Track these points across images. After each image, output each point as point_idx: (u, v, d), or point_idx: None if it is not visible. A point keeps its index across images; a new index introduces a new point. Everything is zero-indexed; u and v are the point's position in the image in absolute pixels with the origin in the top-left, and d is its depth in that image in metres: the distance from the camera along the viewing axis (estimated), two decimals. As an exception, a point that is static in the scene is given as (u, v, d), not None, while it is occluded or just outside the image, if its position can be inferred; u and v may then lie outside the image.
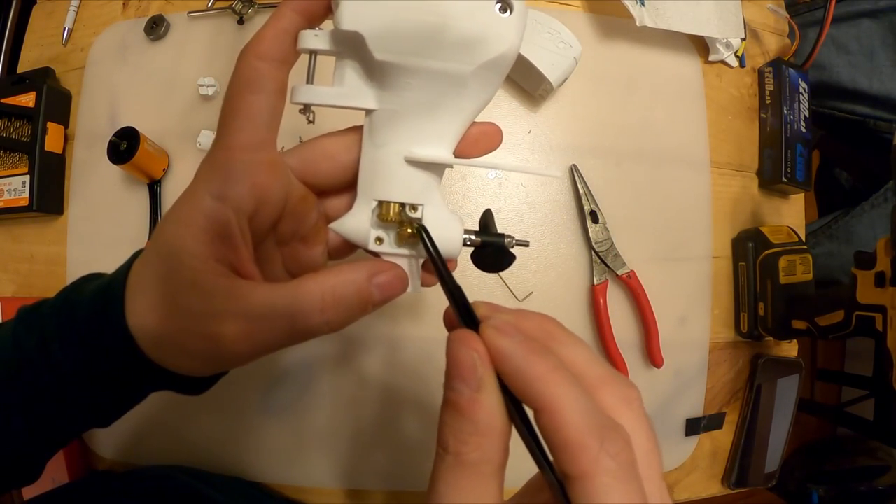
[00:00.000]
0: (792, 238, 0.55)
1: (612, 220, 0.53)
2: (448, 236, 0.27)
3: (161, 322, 0.24)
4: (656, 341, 0.52)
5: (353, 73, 0.26)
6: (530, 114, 0.54)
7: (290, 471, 0.50)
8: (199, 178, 0.24)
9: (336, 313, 0.23)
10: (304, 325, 0.23)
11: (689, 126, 0.58)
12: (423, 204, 0.26)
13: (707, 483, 0.57)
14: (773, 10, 0.62)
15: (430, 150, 0.26)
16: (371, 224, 0.27)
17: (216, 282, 0.23)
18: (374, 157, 0.26)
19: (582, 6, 0.57)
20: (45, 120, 0.53)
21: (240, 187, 0.23)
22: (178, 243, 0.23)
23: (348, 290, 0.24)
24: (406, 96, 0.25)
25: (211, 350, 0.23)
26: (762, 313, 0.55)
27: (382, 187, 0.26)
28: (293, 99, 0.26)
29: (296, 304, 0.23)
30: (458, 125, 0.26)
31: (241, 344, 0.23)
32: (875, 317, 0.45)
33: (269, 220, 0.26)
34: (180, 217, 0.24)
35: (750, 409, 0.56)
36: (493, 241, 0.29)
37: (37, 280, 0.55)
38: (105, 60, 0.56)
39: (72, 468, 0.50)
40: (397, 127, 0.26)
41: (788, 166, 0.57)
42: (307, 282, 0.23)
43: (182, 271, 0.23)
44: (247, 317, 0.22)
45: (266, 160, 0.25)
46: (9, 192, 0.53)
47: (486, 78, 0.25)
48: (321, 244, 0.28)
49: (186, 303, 0.23)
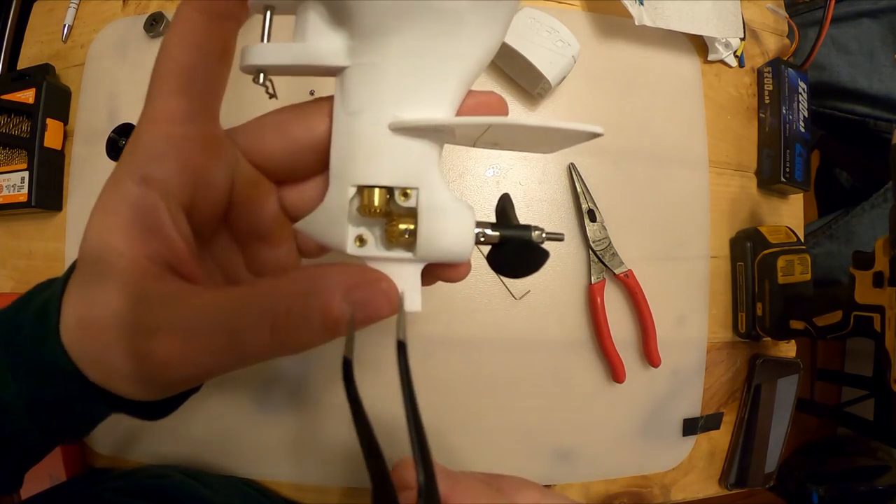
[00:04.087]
0: (790, 238, 0.55)
1: (610, 219, 0.53)
2: (455, 231, 0.20)
3: (89, 339, 0.19)
4: (654, 341, 0.52)
5: (316, 23, 0.20)
6: (528, 112, 0.54)
7: (286, 469, 0.50)
8: (122, 159, 0.20)
9: (289, 336, 0.18)
10: (250, 346, 0.18)
11: (687, 125, 0.58)
12: (418, 187, 0.20)
13: (704, 483, 0.57)
14: (772, 10, 0.62)
15: (424, 111, 0.20)
16: (349, 219, 0.20)
17: (146, 284, 0.19)
18: (350, 129, 0.20)
19: (581, 5, 0.57)
20: (44, 116, 0.53)
21: (166, 167, 0.19)
22: (101, 239, 0.19)
23: (309, 307, 0.18)
24: (386, 44, 0.19)
25: (143, 371, 0.19)
26: (760, 313, 0.55)
27: (362, 168, 0.20)
28: (242, 62, 0.21)
29: (239, 319, 0.18)
30: (456, 78, 0.20)
31: (178, 366, 0.18)
32: (873, 317, 0.45)
33: (214, 211, 0.21)
34: (102, 208, 0.19)
35: (748, 409, 0.56)
36: (516, 234, 0.21)
37: (35, 276, 0.55)
38: (105, 57, 0.56)
39: (69, 466, 0.50)
40: (378, 85, 0.20)
41: (787, 166, 0.57)
42: (256, 290, 0.18)
43: (107, 274, 0.19)
44: (181, 331, 0.18)
45: (200, 134, 0.20)
46: (8, 188, 0.53)
47: (490, 13, 0.19)
48: (286, 242, 0.24)
49: (111, 312, 0.18)
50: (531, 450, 0.52)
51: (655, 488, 0.55)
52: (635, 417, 0.54)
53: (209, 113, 0.20)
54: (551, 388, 0.52)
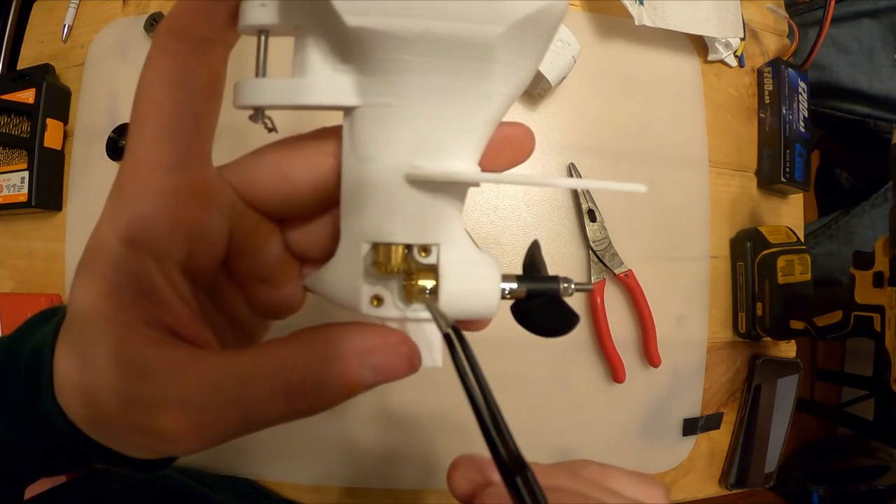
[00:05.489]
0: (790, 238, 0.55)
1: (610, 219, 0.53)
2: (479, 289, 0.18)
3: (87, 407, 0.18)
4: (654, 341, 0.52)
5: (318, 54, 0.17)
6: (528, 112, 0.54)
7: (286, 469, 0.50)
8: (105, 212, 0.17)
9: (306, 402, 0.17)
10: (263, 415, 0.17)
11: (687, 125, 0.58)
12: (439, 243, 0.18)
13: (704, 483, 0.57)
14: (772, 10, 0.62)
15: (445, 160, 0.17)
16: (364, 277, 0.18)
17: (145, 354, 0.17)
18: (361, 178, 0.18)
19: (581, 5, 0.57)
20: (44, 116, 0.53)
21: (155, 226, 0.17)
22: (90, 305, 0.17)
23: (327, 375, 0.16)
24: (402, 83, 0.16)
25: (149, 444, 0.17)
26: (760, 313, 0.55)
27: (376, 223, 0.18)
28: (235, 101, 0.18)
29: (251, 389, 0.17)
30: (482, 121, 0.17)
31: (186, 439, 0.17)
32: (873, 317, 0.45)
33: (212, 262, 0.19)
34: (88, 268, 0.17)
35: (748, 409, 0.56)
36: (543, 288, 0.20)
37: (35, 276, 0.55)
38: (105, 57, 0.56)
39: (69, 464, 0.50)
40: (392, 130, 0.17)
41: (787, 166, 0.57)
42: (267, 355, 0.17)
43: (101, 342, 0.17)
44: (188, 405, 0.16)
45: (191, 183, 0.17)
46: (8, 188, 0.53)
47: (523, 46, 0.16)
48: (291, 281, 0.21)
49: (108, 384, 0.17)
50: (531, 450, 0.52)
51: (655, 488, 0.55)
52: (635, 417, 0.54)
53: (199, 158, 0.18)
54: (551, 388, 0.52)
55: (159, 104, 0.17)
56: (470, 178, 0.17)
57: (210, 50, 0.17)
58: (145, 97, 0.17)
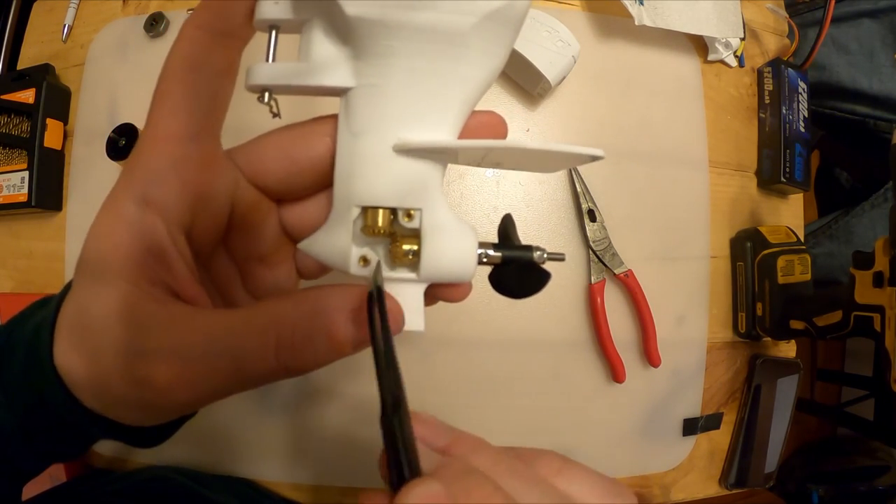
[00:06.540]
0: (790, 238, 0.55)
1: (610, 219, 0.53)
2: (458, 252, 0.20)
3: (86, 364, 0.19)
4: (654, 341, 0.52)
5: (321, 42, 0.20)
6: (528, 112, 0.54)
7: (285, 469, 0.50)
8: (121, 178, 0.19)
9: (294, 357, 0.18)
10: (254, 369, 0.18)
11: (687, 125, 0.58)
12: (422, 208, 0.20)
13: (704, 483, 0.57)
14: (772, 10, 0.62)
15: (427, 133, 0.20)
16: (353, 240, 0.20)
17: (148, 308, 0.18)
18: (354, 150, 0.20)
19: (581, 5, 0.57)
20: (44, 116, 0.53)
21: (167, 188, 0.19)
22: (100, 261, 0.19)
23: (314, 328, 0.18)
24: (390, 65, 0.19)
25: (143, 397, 0.18)
26: (760, 313, 0.55)
27: (366, 189, 0.20)
28: (247, 81, 0.21)
29: (242, 341, 0.18)
30: (459, 100, 0.20)
31: (179, 391, 0.18)
32: (873, 317, 0.45)
33: (214, 232, 0.21)
34: (101, 230, 0.19)
35: (748, 409, 0.56)
36: (517, 255, 0.22)
37: (35, 276, 0.55)
38: (105, 57, 0.56)
39: (69, 467, 0.50)
40: (381, 107, 0.20)
41: (787, 166, 0.57)
42: (259, 311, 0.18)
43: (107, 298, 0.18)
44: (182, 355, 0.18)
45: (202, 154, 0.20)
46: (8, 188, 0.53)
47: (493, 36, 0.20)
48: (285, 262, 0.23)
49: (111, 338, 0.18)
50: (531, 450, 0.52)
51: (655, 488, 0.55)
52: (635, 417, 0.54)
53: (211, 133, 0.20)
54: (551, 388, 0.52)
55: (181, 82, 0.19)
56: (448, 145, 0.20)
57: (228, 42, 0.20)
58: (170, 74, 0.19)
